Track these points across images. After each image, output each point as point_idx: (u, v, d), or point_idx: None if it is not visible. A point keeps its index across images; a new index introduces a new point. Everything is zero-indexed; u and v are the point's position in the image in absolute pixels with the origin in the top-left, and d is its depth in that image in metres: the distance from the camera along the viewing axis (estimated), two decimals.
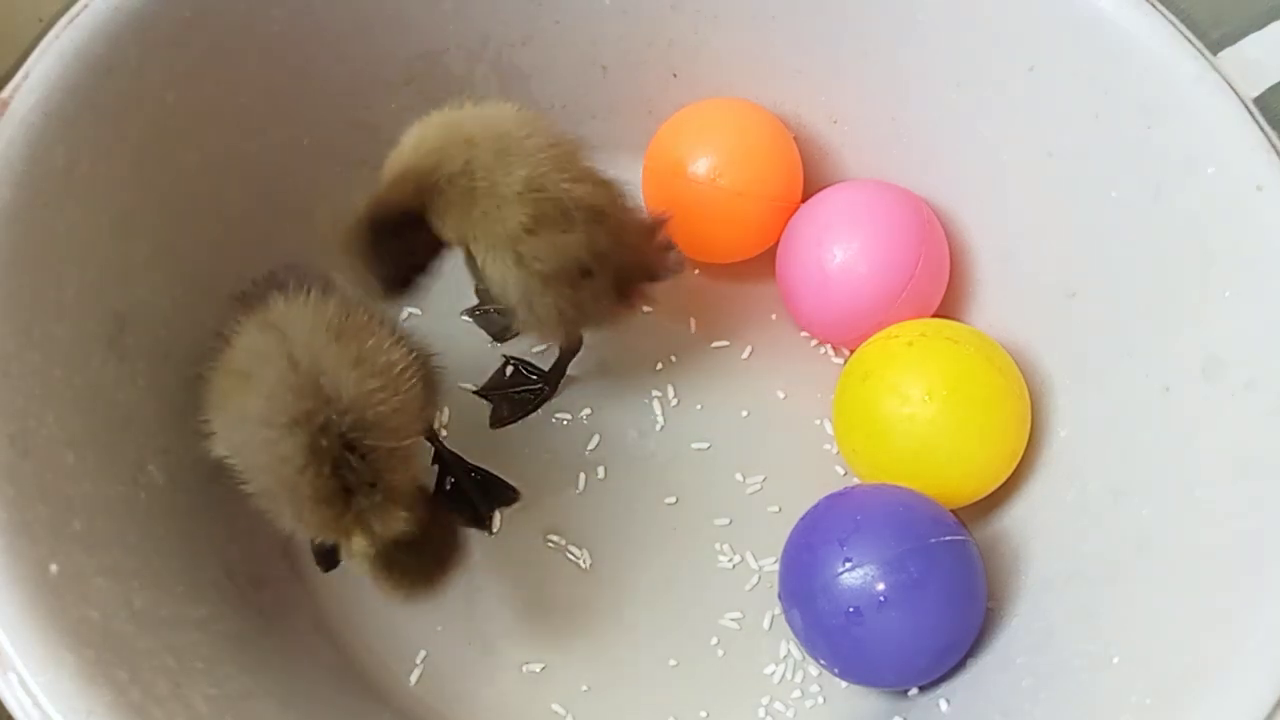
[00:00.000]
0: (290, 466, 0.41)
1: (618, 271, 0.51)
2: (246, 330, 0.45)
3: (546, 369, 0.59)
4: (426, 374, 0.47)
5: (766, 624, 0.55)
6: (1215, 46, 0.47)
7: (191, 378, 0.50)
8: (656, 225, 0.54)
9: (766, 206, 0.59)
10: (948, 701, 0.50)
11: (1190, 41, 0.47)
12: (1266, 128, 0.45)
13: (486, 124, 0.49)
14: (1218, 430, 0.45)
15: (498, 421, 0.59)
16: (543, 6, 0.59)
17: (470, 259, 0.50)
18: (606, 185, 0.51)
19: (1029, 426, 0.53)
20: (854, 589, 0.47)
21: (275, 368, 0.42)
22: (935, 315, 0.58)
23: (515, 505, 0.57)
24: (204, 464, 0.48)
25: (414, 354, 0.46)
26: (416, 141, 0.49)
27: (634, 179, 0.61)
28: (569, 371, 0.59)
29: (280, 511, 0.44)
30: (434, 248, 0.50)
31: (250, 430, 0.42)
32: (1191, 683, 0.40)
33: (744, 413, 0.60)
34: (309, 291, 0.46)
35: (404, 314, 0.61)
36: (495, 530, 0.56)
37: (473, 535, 0.55)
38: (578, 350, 0.57)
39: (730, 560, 0.56)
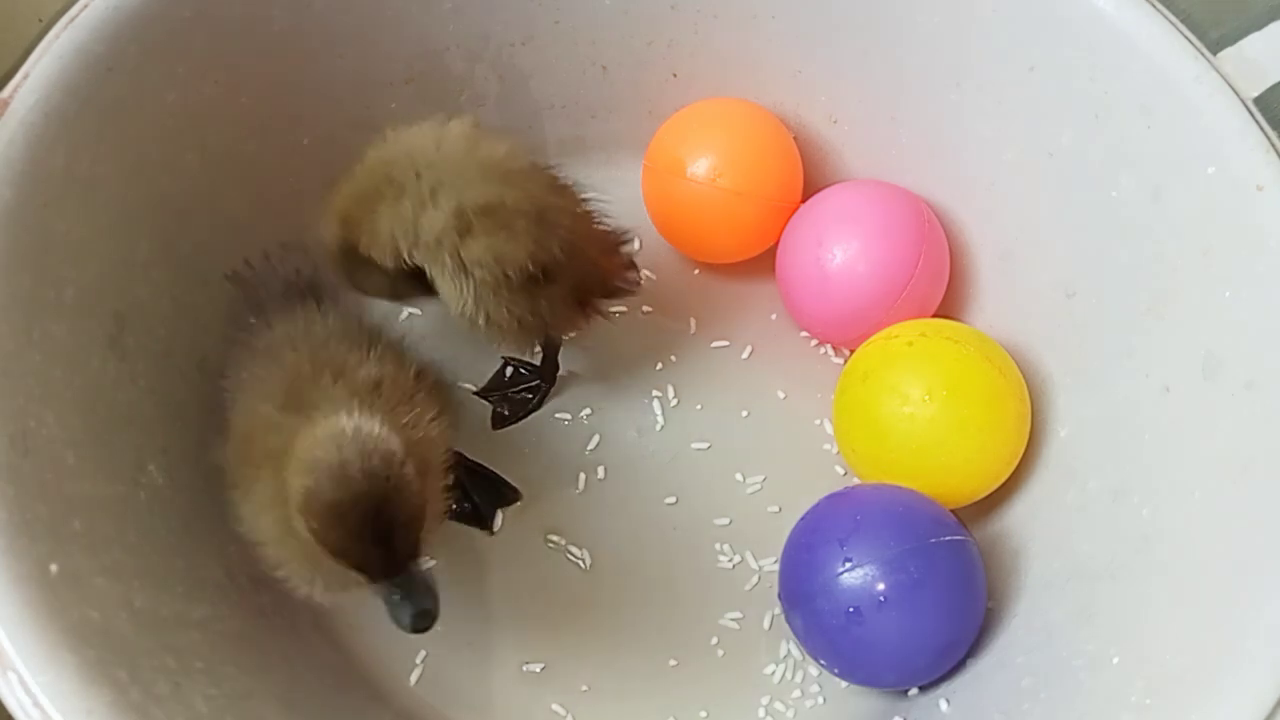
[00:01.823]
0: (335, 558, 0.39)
1: (575, 282, 0.51)
2: (266, 413, 0.43)
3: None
4: (445, 404, 0.46)
5: (766, 624, 0.54)
6: (1215, 46, 0.47)
7: (191, 377, 0.50)
8: (618, 242, 0.54)
9: (766, 206, 0.59)
10: (948, 701, 0.50)
11: (1190, 41, 0.47)
12: (1266, 128, 0.45)
13: (402, 146, 0.48)
14: (1218, 430, 0.45)
15: (499, 422, 0.59)
16: (543, 6, 0.59)
17: (420, 282, 0.49)
18: (562, 191, 0.51)
19: (1029, 426, 0.53)
20: (854, 589, 0.47)
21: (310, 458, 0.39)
22: (935, 315, 0.58)
23: (515, 505, 0.57)
24: (204, 464, 0.48)
25: (439, 405, 0.45)
26: (350, 182, 0.49)
27: (634, 179, 0.61)
28: (570, 371, 0.59)
29: (339, 585, 0.42)
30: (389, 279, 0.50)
31: (284, 519, 0.40)
32: (1191, 683, 0.40)
33: (744, 413, 0.60)
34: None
35: (404, 314, 0.61)
36: (495, 530, 0.56)
37: (473, 535, 0.56)
38: (559, 345, 0.57)
39: (730, 560, 0.56)
